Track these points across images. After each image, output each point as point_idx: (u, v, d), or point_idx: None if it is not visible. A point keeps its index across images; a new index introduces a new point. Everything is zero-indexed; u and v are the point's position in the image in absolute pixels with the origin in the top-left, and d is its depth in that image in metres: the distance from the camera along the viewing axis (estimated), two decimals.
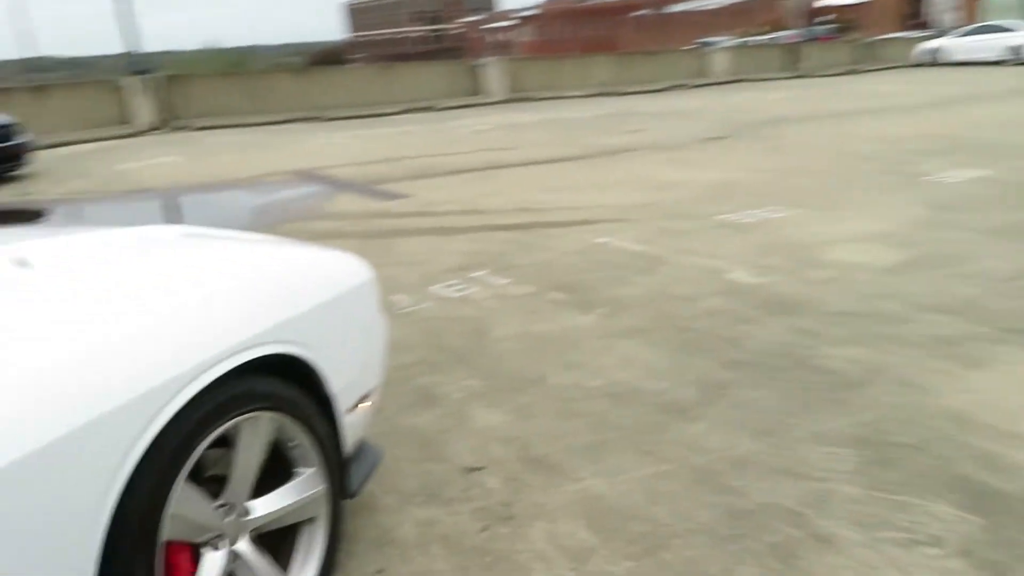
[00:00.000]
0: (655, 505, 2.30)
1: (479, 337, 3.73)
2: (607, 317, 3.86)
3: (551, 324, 3.82)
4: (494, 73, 19.53)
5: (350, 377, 2.15)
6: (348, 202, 7.32)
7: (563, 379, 3.20)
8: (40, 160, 11.99)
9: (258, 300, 1.85)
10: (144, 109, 15.47)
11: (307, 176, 8.95)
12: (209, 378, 1.58)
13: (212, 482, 1.76)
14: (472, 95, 19.59)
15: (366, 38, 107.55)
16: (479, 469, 2.57)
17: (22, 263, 1.79)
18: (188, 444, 1.56)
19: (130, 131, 15.04)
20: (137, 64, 16.22)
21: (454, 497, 2.42)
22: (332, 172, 9.07)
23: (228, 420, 1.68)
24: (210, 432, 1.62)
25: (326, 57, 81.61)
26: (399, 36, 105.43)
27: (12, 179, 10.29)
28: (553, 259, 4.93)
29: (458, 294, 4.39)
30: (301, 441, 1.92)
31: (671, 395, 2.99)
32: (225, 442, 1.74)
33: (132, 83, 15.52)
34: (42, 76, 46.72)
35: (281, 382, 1.86)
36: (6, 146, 10.23)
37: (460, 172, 8.64)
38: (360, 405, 2.23)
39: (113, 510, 1.36)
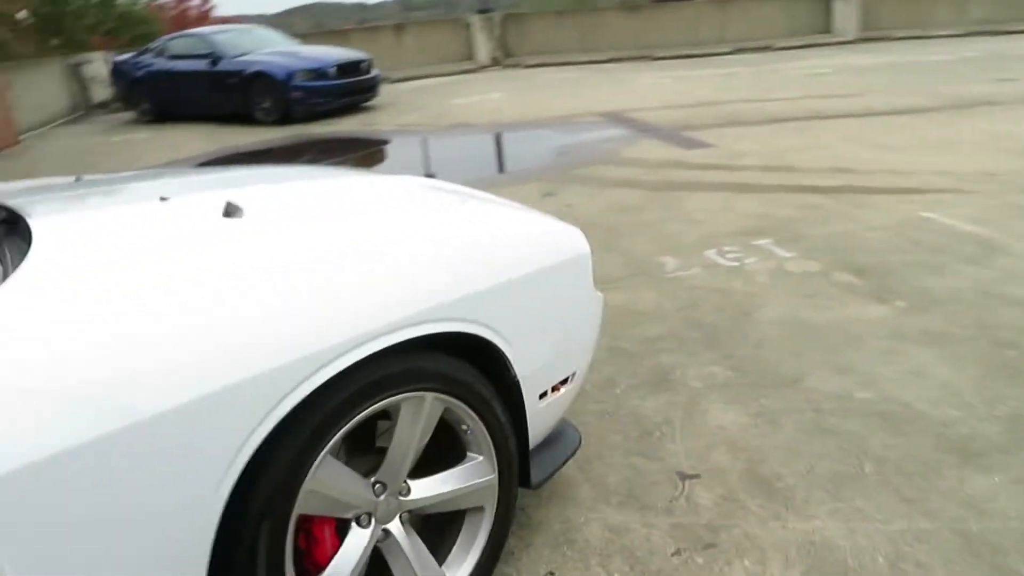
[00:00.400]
0: (899, 574, 1.82)
1: (741, 317, 3.31)
2: (905, 313, 3.19)
3: (829, 313, 3.26)
4: (846, 8, 17.48)
5: (545, 360, 1.96)
6: (648, 148, 7.02)
7: (826, 384, 2.70)
8: (389, 93, 13.31)
9: (444, 271, 1.72)
10: (483, 47, 16.40)
11: (616, 118, 8.77)
12: (359, 355, 1.48)
13: (381, 453, 1.70)
14: (818, 33, 17.79)
15: None
16: (694, 477, 2.26)
17: (232, 211, 1.84)
18: (333, 420, 1.48)
19: (470, 67, 16.06)
20: (485, 2, 17.16)
21: (656, 505, 2.15)
22: (643, 115, 8.79)
23: (384, 398, 1.58)
24: (361, 410, 1.54)
25: None
26: None
27: (363, 109, 11.55)
28: (856, 233, 4.22)
29: (732, 263, 3.95)
30: (473, 426, 1.78)
31: (964, 430, 2.37)
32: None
33: (478, 21, 16.49)
34: (414, 14, 51.88)
35: (454, 362, 1.73)
36: (361, 79, 11.47)
37: (779, 121, 7.86)
38: (556, 390, 2.04)
39: (237, 477, 1.33)
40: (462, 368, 1.74)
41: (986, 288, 3.35)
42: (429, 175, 6.90)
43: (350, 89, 11.25)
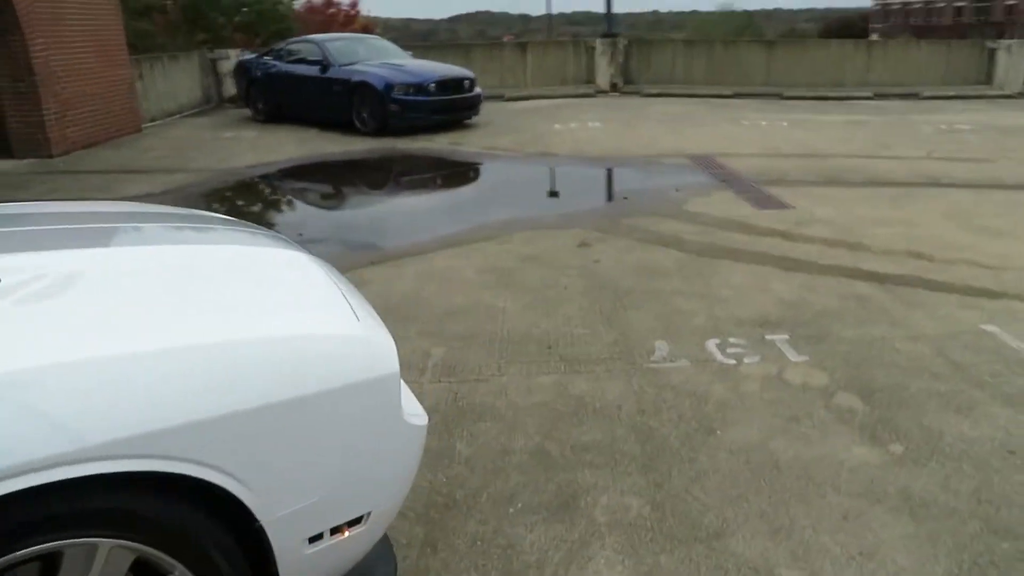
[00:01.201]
0: None
1: (700, 435, 2.82)
2: (895, 463, 2.61)
3: (805, 447, 2.72)
4: (1010, 58, 15.82)
5: (315, 500, 1.62)
6: (717, 202, 6.46)
7: (749, 547, 2.21)
8: (497, 112, 13.18)
9: (138, 392, 1.39)
10: (604, 71, 16.00)
11: (705, 162, 8.20)
12: None
13: None
14: (977, 84, 16.22)
15: (894, 6, 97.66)
16: None
17: None
18: None
19: (587, 91, 15.72)
20: (612, 26, 16.78)
21: None
22: (735, 161, 8.17)
23: (31, 545, 1.31)
24: None
25: (843, 26, 76.16)
26: (935, 6, 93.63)
27: (462, 126, 11.45)
28: (890, 341, 3.59)
29: (728, 360, 3.43)
30: None
31: None
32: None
33: (600, 45, 16.13)
34: (574, 29, 51.90)
35: (149, 501, 1.43)
36: (461, 97, 11.38)
37: (881, 184, 7.06)
38: (340, 532, 1.70)
39: None
40: (162, 507, 1.44)
41: (1015, 445, 2.70)
42: (480, 200, 6.64)
43: (448, 106, 11.18)
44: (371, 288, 4.53)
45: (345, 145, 10.25)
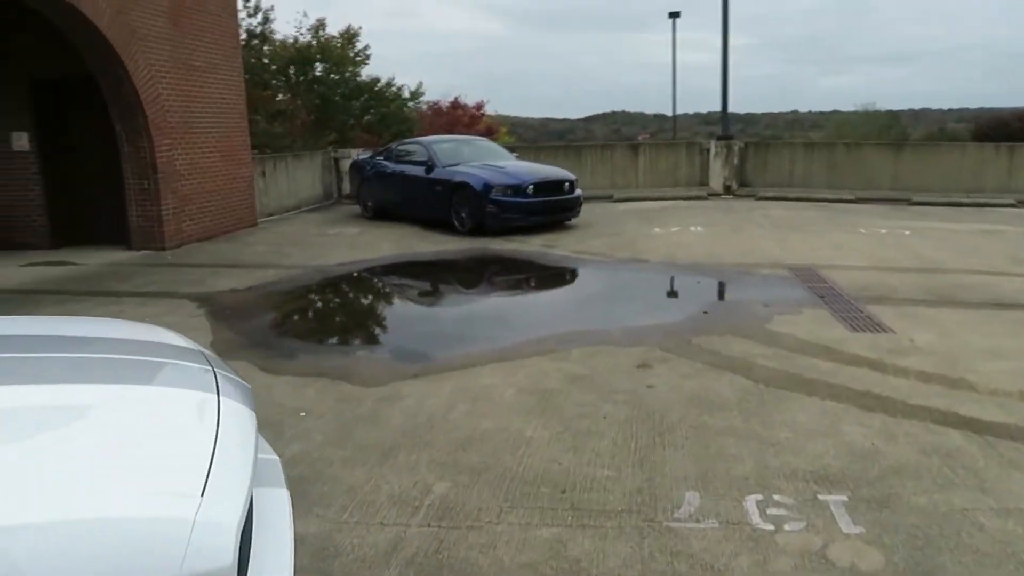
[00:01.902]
0: None
1: None
2: None
3: None
4: None
5: None
6: (806, 322, 5.87)
7: None
8: (599, 213, 13.01)
9: None
10: (718, 174, 15.59)
11: (805, 275, 7.59)
12: None
13: None
14: None
15: None
16: None
17: None
18: None
19: (698, 194, 15.33)
20: (728, 127, 16.44)
21: None
22: (839, 275, 7.52)
23: None
24: None
25: (997, 126, 72.25)
26: None
27: (560, 227, 11.32)
28: (974, 515, 2.94)
29: (765, 525, 2.90)
30: None
31: None
32: None
33: (714, 147, 15.79)
34: (710, 128, 51.82)
35: None
36: (559, 199, 11.30)
37: (1001, 307, 6.25)
38: None
39: None
40: None
41: None
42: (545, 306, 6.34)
43: (546, 207, 11.11)
44: (402, 405, 4.29)
45: (439, 244, 10.31)
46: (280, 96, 17.47)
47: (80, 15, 8.65)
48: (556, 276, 8.53)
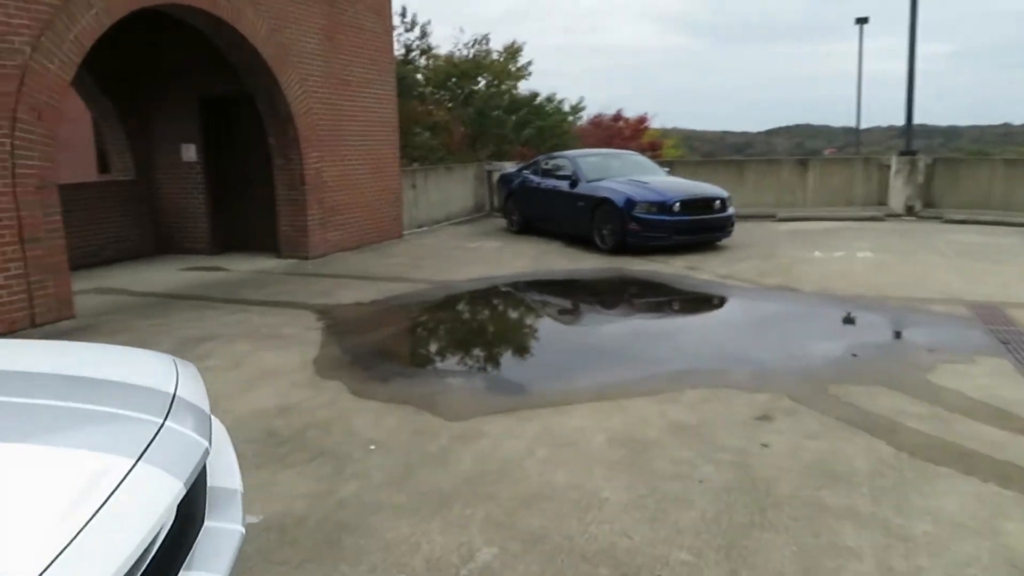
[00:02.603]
0: None
1: None
2: None
3: None
4: None
5: None
6: (979, 374, 4.89)
7: None
8: (756, 233, 12.06)
9: None
10: (899, 193, 14.02)
11: (987, 315, 6.47)
12: None
13: None
14: None
15: None
16: None
17: None
18: None
19: (874, 214, 13.87)
20: (912, 142, 14.77)
21: None
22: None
23: None
24: None
25: None
26: None
27: (708, 248, 10.56)
28: None
29: None
30: None
31: None
32: None
33: (896, 163, 14.23)
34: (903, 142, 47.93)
35: None
36: (708, 218, 10.54)
37: None
38: None
39: None
40: None
41: None
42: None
43: (693, 227, 10.38)
44: (477, 446, 3.91)
45: (576, 262, 9.89)
46: (433, 109, 17.72)
47: (237, 34, 9.04)
48: (689, 303, 7.85)
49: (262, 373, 5.27)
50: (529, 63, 20.09)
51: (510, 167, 14.49)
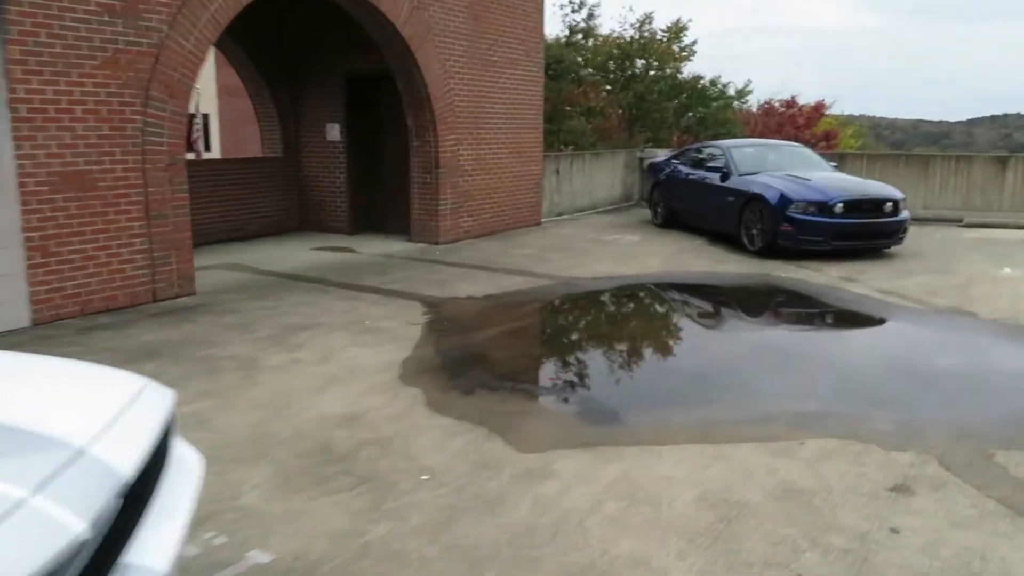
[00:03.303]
0: None
1: None
2: None
3: None
4: None
5: None
6: None
7: None
8: (936, 240, 10.61)
9: None
10: None
11: None
12: None
13: None
14: None
15: None
16: None
17: None
18: None
19: None
20: None
21: None
22: None
23: None
24: None
25: None
26: None
27: (875, 255, 9.37)
28: None
29: None
30: None
31: None
32: None
33: None
34: None
35: None
36: (875, 222, 9.32)
37: None
38: None
39: None
40: None
41: None
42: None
43: (857, 231, 9.20)
44: (540, 489, 3.40)
45: (717, 264, 9.05)
46: (590, 92, 17.07)
47: (379, 12, 8.88)
48: (835, 324, 6.87)
49: (346, 371, 5.01)
50: (694, 43, 18.96)
51: (661, 155, 13.64)
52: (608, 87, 18.77)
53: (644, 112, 18.11)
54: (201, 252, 9.39)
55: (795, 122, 22.93)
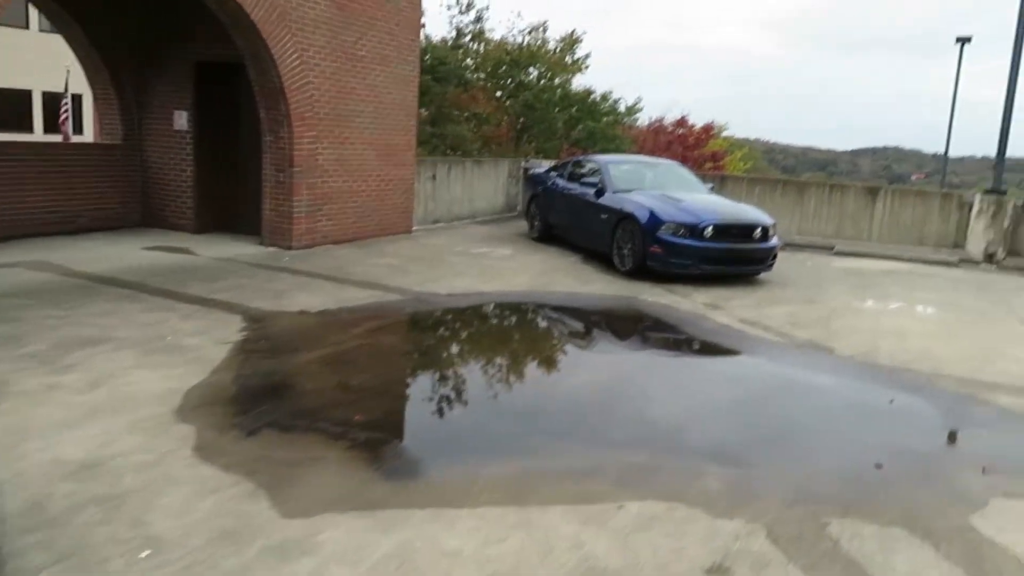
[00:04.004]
0: None
1: None
2: None
3: None
4: None
5: None
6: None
7: None
8: (807, 267, 10.56)
9: None
10: (979, 236, 12.24)
11: None
12: None
13: None
14: None
15: None
16: None
17: None
18: None
19: (947, 259, 12.13)
20: (1000, 178, 12.93)
21: None
22: None
23: None
24: None
25: None
26: None
27: (745, 281, 9.15)
28: None
29: None
30: None
31: None
32: None
33: (979, 202, 12.45)
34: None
35: None
36: (745, 248, 9.12)
37: None
38: None
39: None
40: None
41: None
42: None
43: (726, 256, 8.96)
44: (292, 570, 2.73)
45: (584, 285, 8.61)
46: (481, 98, 16.54)
47: None
48: (690, 360, 6.48)
49: (114, 402, 4.20)
50: (588, 55, 18.73)
51: (538, 168, 13.18)
52: (499, 93, 18.28)
53: (533, 122, 17.70)
54: (13, 246, 8.30)
55: (685, 142, 23.12)
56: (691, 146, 23.15)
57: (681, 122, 23.62)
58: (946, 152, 27.91)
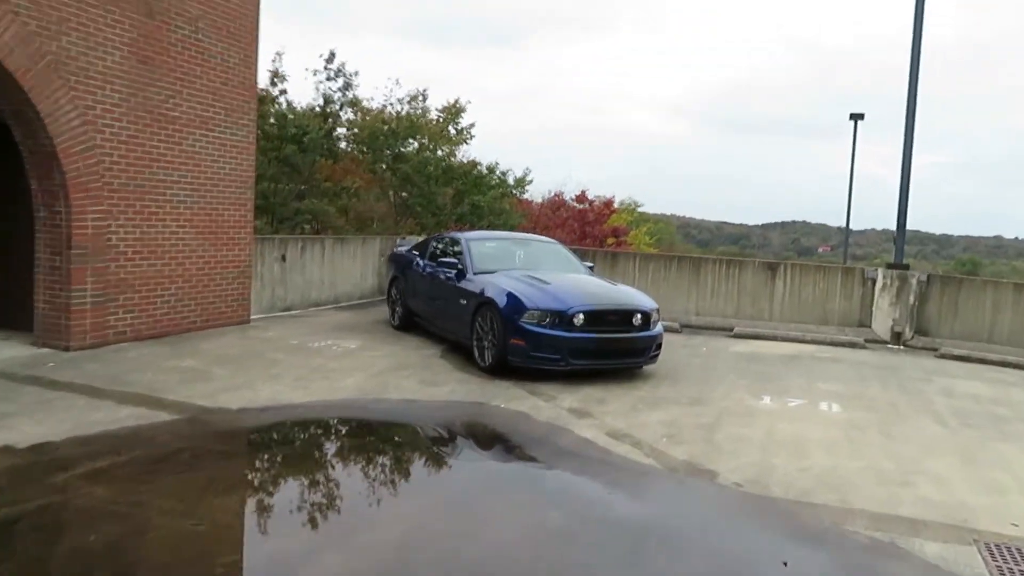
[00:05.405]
0: None
1: None
2: None
3: None
4: None
5: None
6: None
7: None
8: (700, 354, 9.29)
9: None
10: (884, 314, 11.36)
11: (1008, 570, 3.64)
12: None
13: None
14: None
15: None
16: None
17: None
18: None
19: (853, 339, 11.13)
20: (901, 252, 12.21)
21: None
22: None
23: None
24: None
25: None
26: None
27: (625, 375, 7.76)
28: None
29: None
30: None
31: None
32: None
33: (883, 278, 11.63)
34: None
35: None
36: (623, 337, 7.74)
37: None
38: None
39: None
40: None
41: None
42: None
43: (599, 349, 7.56)
44: None
45: (429, 387, 7.05)
46: (354, 170, 15.19)
47: None
48: (521, 506, 4.90)
49: None
50: (472, 126, 17.66)
51: (401, 246, 11.66)
52: (383, 165, 16.93)
53: (413, 196, 16.36)
54: None
55: (585, 217, 22.20)
56: (592, 221, 22.25)
57: (581, 197, 22.78)
58: (847, 225, 27.97)
